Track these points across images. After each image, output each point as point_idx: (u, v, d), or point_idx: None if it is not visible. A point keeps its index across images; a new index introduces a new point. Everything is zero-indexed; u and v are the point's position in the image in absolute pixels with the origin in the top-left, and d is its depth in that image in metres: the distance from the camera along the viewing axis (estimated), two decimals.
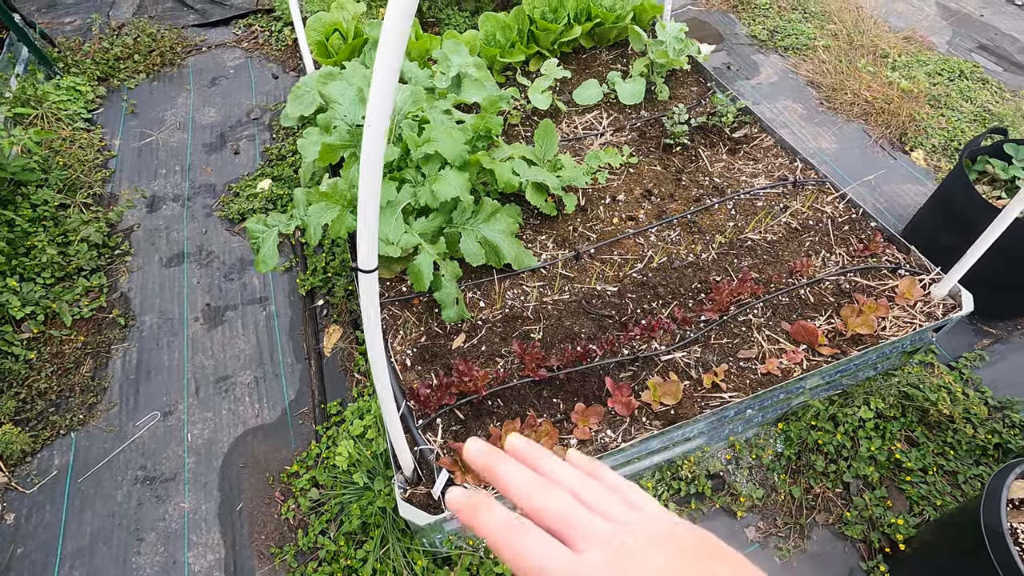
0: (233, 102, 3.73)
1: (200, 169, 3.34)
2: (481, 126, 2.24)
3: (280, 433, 2.33)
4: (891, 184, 3.14)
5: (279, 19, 4.23)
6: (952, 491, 2.06)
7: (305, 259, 2.86)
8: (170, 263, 2.90)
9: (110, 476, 2.22)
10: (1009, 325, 2.56)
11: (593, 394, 1.93)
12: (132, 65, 3.92)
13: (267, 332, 2.63)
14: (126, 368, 2.52)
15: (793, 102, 3.65)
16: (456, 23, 3.50)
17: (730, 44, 4.11)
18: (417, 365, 2.03)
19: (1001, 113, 3.42)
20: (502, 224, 2.19)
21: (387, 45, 0.80)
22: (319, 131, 2.27)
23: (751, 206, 2.49)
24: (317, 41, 2.88)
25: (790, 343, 2.04)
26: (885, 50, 3.91)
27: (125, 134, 3.54)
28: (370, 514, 1.96)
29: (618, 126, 2.88)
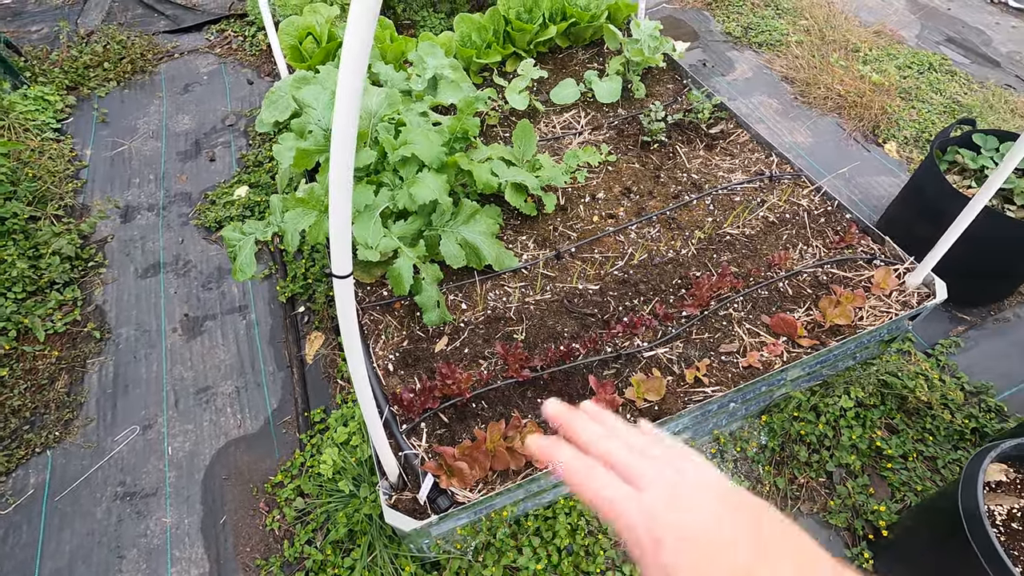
0: (207, 109, 3.68)
1: (175, 177, 3.28)
2: (458, 128, 2.23)
3: (263, 443, 2.30)
4: (865, 176, 3.19)
5: (252, 24, 4.18)
6: (932, 476, 2.10)
7: (285, 266, 2.82)
8: (146, 274, 2.84)
9: (89, 493, 2.18)
10: (983, 311, 2.61)
11: (577, 393, 1.93)
12: (102, 73, 3.85)
13: (247, 341, 2.60)
14: (103, 382, 2.47)
15: (768, 97, 3.69)
16: (431, 25, 3.49)
17: (705, 41, 4.15)
18: (400, 370, 2.01)
19: (969, 104, 3.50)
20: (482, 225, 2.19)
21: (351, 47, 0.79)
22: (294, 136, 2.25)
23: (729, 201, 2.52)
24: (291, 45, 2.85)
25: (770, 336, 2.06)
26: (856, 44, 3.97)
27: (96, 144, 3.47)
28: (357, 521, 1.94)
29: (596, 125, 2.89)
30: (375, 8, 0.76)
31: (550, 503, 1.97)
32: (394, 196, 2.08)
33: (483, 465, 1.70)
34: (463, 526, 1.77)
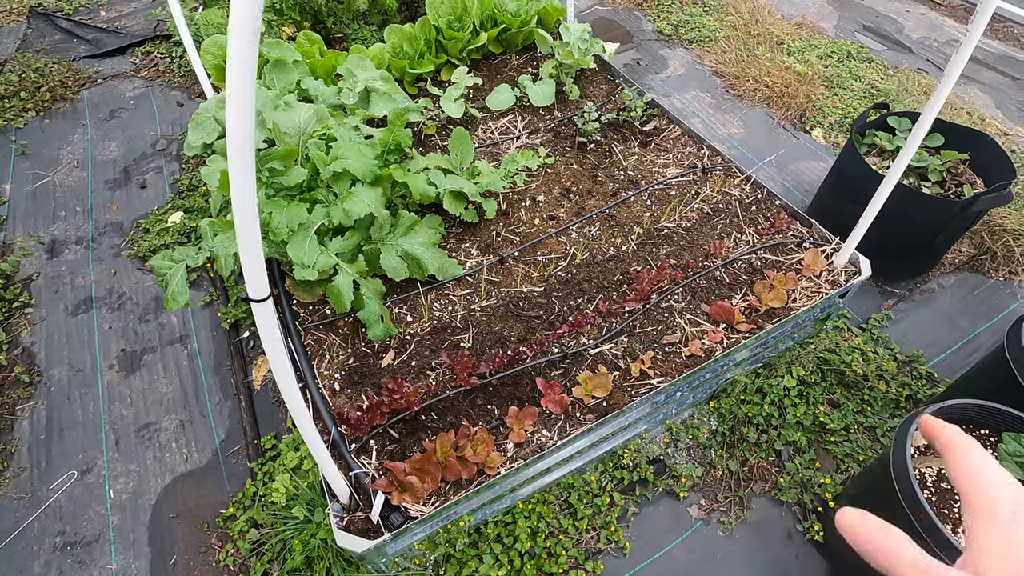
0: (136, 134, 3.55)
1: (104, 207, 3.15)
2: (390, 139, 2.21)
3: (212, 476, 2.22)
4: (796, 163, 3.32)
5: (179, 45, 4.06)
6: (872, 445, 2.19)
7: (226, 291, 2.74)
8: (77, 310, 2.71)
9: (24, 547, 2.06)
10: (910, 284, 2.75)
11: (526, 396, 1.94)
12: (19, 103, 3.66)
13: (190, 372, 2.51)
14: (35, 428, 2.34)
15: (701, 92, 3.80)
16: (363, 38, 3.46)
17: (638, 40, 4.25)
18: (347, 388, 1.98)
19: (887, 89, 3.68)
20: (422, 236, 2.17)
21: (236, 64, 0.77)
22: (222, 158, 2.19)
23: (665, 196, 2.58)
24: (215, 65, 2.78)
25: (710, 324, 2.11)
26: (780, 37, 4.13)
27: (16, 177, 3.30)
28: (313, 547, 1.89)
29: (533, 128, 2.91)
30: (256, 17, 0.75)
31: (509, 508, 1.97)
32: (329, 212, 2.04)
33: (434, 477, 1.69)
34: (420, 541, 1.75)
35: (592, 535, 2.02)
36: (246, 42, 0.75)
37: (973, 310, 2.63)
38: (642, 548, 2.01)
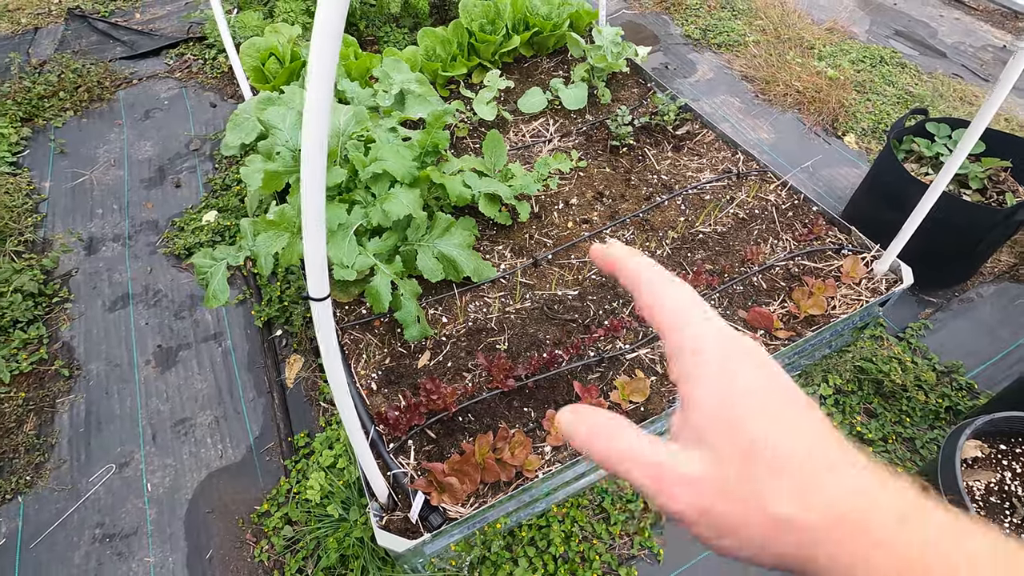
0: (170, 134, 3.61)
1: (140, 206, 3.21)
2: (428, 141, 2.23)
3: (247, 472, 2.25)
4: (828, 168, 3.28)
5: (212, 46, 4.13)
6: (912, 456, 2.15)
7: (259, 289, 2.77)
8: (114, 306, 2.76)
9: (65, 538, 2.09)
10: (948, 293, 2.70)
11: (563, 399, 1.94)
12: (58, 103, 3.75)
13: (225, 369, 2.54)
14: (74, 422, 2.38)
15: (730, 96, 3.78)
16: (395, 40, 3.49)
17: (666, 44, 4.23)
18: (383, 388, 1.99)
19: (921, 94, 3.63)
20: (458, 238, 2.18)
21: (318, 67, 0.78)
22: (262, 158, 2.22)
23: (699, 200, 2.56)
24: (253, 67, 2.82)
25: (748, 330, 2.09)
26: (811, 41, 4.10)
27: (55, 175, 3.38)
28: (348, 546, 1.90)
29: (565, 131, 2.91)
30: (339, 27, 0.76)
31: (543, 512, 1.96)
32: (367, 213, 2.06)
33: (473, 479, 1.69)
34: (457, 542, 1.75)
35: (626, 541, 2.01)
36: (329, 43, 0.76)
37: (1014, 320, 2.58)
38: (676, 555, 1.99)
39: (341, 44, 0.78)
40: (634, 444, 0.35)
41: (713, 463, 0.33)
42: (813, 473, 0.32)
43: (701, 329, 0.36)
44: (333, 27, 0.75)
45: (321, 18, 0.73)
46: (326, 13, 0.73)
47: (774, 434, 0.33)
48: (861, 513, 0.30)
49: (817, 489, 0.31)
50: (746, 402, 0.34)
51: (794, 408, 0.34)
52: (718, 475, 0.33)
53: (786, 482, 0.32)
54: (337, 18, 0.74)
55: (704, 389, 0.35)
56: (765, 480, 0.32)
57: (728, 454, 0.33)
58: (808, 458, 0.32)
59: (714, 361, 0.35)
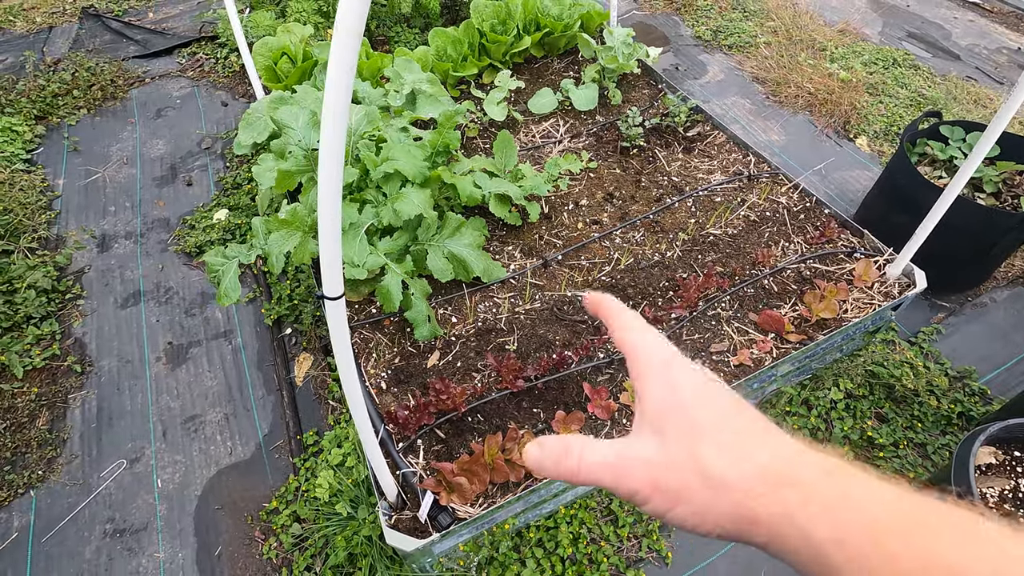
0: (182, 132, 3.63)
1: (152, 203, 3.23)
2: (439, 141, 2.23)
3: (256, 469, 2.26)
4: (840, 171, 3.26)
5: (224, 46, 4.15)
6: (923, 462, 2.13)
7: (269, 288, 2.79)
8: (126, 303, 2.78)
9: (76, 533, 2.11)
10: (960, 298, 2.68)
11: (572, 400, 1.93)
12: (71, 101, 3.78)
13: (234, 366, 2.55)
14: (86, 417, 2.41)
15: (741, 98, 3.76)
16: (406, 40, 3.50)
17: (676, 46, 4.22)
18: (393, 387, 2.00)
19: (934, 97, 3.60)
20: (468, 238, 2.18)
21: (337, 66, 0.79)
22: (274, 157, 2.23)
23: (710, 202, 2.55)
24: (265, 66, 2.83)
25: (759, 333, 2.08)
26: (823, 43, 4.07)
27: (69, 173, 3.41)
28: (356, 544, 1.91)
29: (575, 132, 2.91)
30: (360, 26, 0.76)
31: (551, 513, 1.96)
32: (378, 213, 2.07)
33: (482, 479, 1.69)
34: (465, 542, 1.75)
35: (633, 543, 2.00)
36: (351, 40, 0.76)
37: None
38: (684, 559, 1.98)
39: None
40: (593, 451, 0.41)
41: (662, 444, 0.39)
42: (745, 442, 0.38)
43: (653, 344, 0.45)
44: (353, 26, 0.75)
45: (342, 17, 0.74)
46: (347, 12, 0.73)
47: (711, 417, 0.39)
48: (790, 469, 0.36)
49: (748, 454, 0.37)
50: (688, 394, 0.40)
51: (727, 399, 0.41)
52: (667, 452, 0.39)
53: (723, 451, 0.37)
54: (358, 17, 0.74)
55: (654, 383, 0.42)
56: (705, 452, 0.37)
57: (674, 435, 0.39)
58: (740, 432, 0.38)
59: (660, 363, 0.43)
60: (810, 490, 0.34)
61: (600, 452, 0.41)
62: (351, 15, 0.73)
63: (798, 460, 0.36)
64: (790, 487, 0.35)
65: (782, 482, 0.35)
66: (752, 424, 0.39)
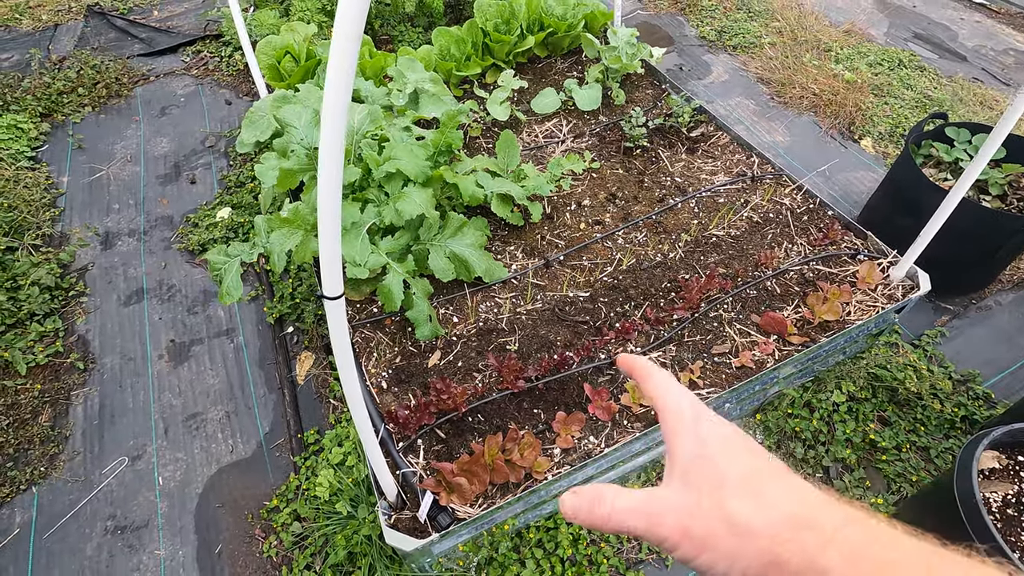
0: (186, 131, 3.64)
1: (155, 201, 3.24)
2: (442, 141, 2.23)
3: (256, 468, 2.26)
4: (844, 172, 3.24)
5: (229, 44, 4.16)
6: (926, 466, 2.12)
7: (271, 286, 2.79)
8: (129, 301, 2.79)
9: (77, 529, 2.12)
10: (965, 301, 2.66)
11: (573, 401, 1.93)
12: (76, 99, 3.79)
13: (236, 364, 2.56)
14: (88, 414, 2.41)
15: (745, 99, 3.74)
16: (410, 39, 3.50)
17: (681, 46, 4.21)
18: (393, 387, 2.00)
19: (940, 98, 3.58)
20: (470, 238, 2.18)
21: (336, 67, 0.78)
22: (276, 156, 2.23)
23: (713, 203, 2.54)
24: (269, 64, 2.84)
25: (761, 335, 2.07)
26: (828, 44, 4.05)
27: (73, 170, 3.42)
28: (356, 543, 1.91)
29: (578, 132, 2.90)
30: (359, 29, 0.76)
31: (551, 514, 1.96)
32: (380, 212, 2.07)
33: (482, 479, 1.69)
34: (465, 542, 1.75)
35: (633, 545, 2.00)
36: (349, 44, 0.76)
37: None
38: None
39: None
40: (625, 498, 0.44)
41: (691, 493, 0.42)
42: (770, 491, 0.40)
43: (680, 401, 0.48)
44: (352, 29, 0.75)
45: (341, 20, 0.74)
46: (345, 14, 0.73)
47: (736, 468, 0.42)
48: (813, 515, 0.38)
49: (774, 502, 0.39)
50: (715, 447, 0.44)
51: (751, 451, 0.43)
52: (695, 501, 0.41)
53: (749, 500, 0.39)
54: (357, 19, 0.74)
55: (684, 438, 0.45)
56: (731, 501, 0.40)
57: (702, 485, 0.42)
58: (765, 482, 0.41)
59: (691, 419, 0.46)
60: (832, 535, 0.36)
61: (632, 499, 0.44)
62: (350, 17, 0.73)
63: (822, 508, 0.38)
64: (811, 531, 0.37)
65: (805, 527, 0.37)
66: (776, 474, 0.41)
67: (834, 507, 0.38)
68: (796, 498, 0.39)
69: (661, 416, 0.48)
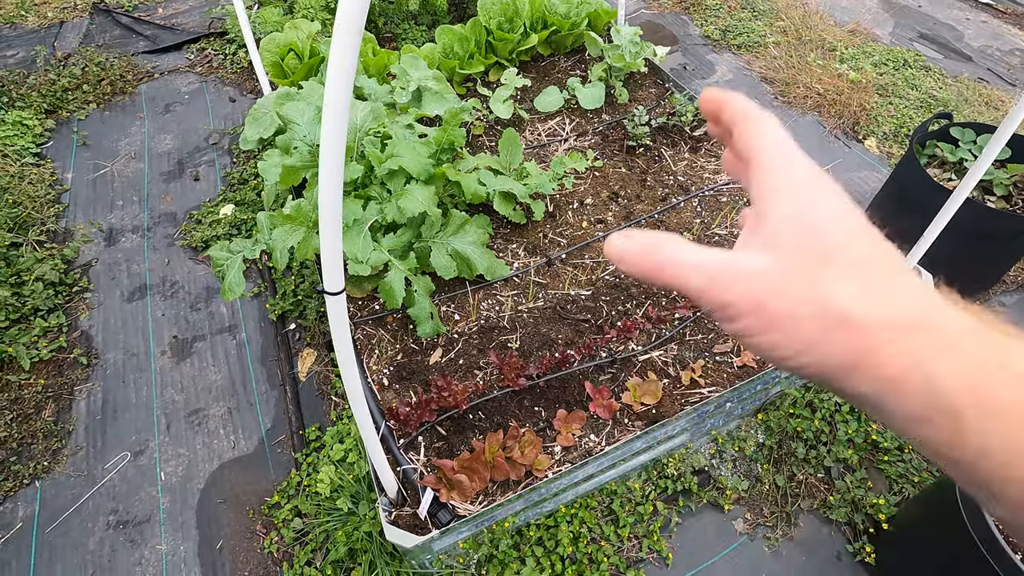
0: (190, 128, 3.65)
1: (159, 198, 3.25)
2: (444, 139, 2.23)
3: (258, 464, 2.27)
4: (848, 172, 3.23)
5: (233, 41, 4.17)
6: (928, 467, 2.11)
7: (274, 283, 2.80)
8: (132, 297, 2.80)
9: (80, 524, 2.13)
10: (968, 301, 2.64)
11: (574, 399, 1.93)
12: (81, 95, 3.81)
13: (238, 361, 2.56)
14: (91, 409, 2.42)
15: (749, 98, 3.73)
16: (413, 37, 3.50)
17: (685, 45, 4.20)
18: (395, 383, 2.00)
19: (945, 98, 3.56)
20: (472, 235, 2.18)
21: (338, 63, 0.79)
22: (279, 153, 2.24)
23: (716, 202, 2.54)
24: (272, 62, 2.84)
25: None
26: (832, 43, 4.04)
27: (78, 167, 3.43)
28: (356, 540, 1.91)
29: (581, 131, 2.90)
30: (359, 24, 0.76)
31: (552, 512, 1.96)
32: (382, 209, 2.07)
33: (483, 476, 1.69)
34: (465, 539, 1.75)
35: (634, 543, 2.00)
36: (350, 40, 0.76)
37: None
38: (685, 560, 1.98)
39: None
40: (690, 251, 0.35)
41: (782, 261, 0.33)
42: (881, 278, 0.32)
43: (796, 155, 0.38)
44: (353, 24, 0.75)
45: (341, 16, 0.74)
46: (346, 10, 0.73)
47: (851, 247, 0.33)
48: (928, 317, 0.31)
49: (884, 292, 0.32)
50: (828, 215, 0.34)
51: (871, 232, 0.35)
52: (784, 271, 0.33)
53: (856, 284, 0.32)
54: (358, 15, 0.74)
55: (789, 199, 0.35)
56: (835, 280, 0.32)
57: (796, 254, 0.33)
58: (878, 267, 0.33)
59: (802, 180, 0.36)
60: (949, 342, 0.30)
61: (697, 254, 0.35)
62: (351, 13, 0.73)
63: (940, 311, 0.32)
64: (925, 334, 0.30)
65: (917, 328, 0.31)
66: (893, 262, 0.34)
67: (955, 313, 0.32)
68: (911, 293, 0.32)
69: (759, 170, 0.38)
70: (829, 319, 0.31)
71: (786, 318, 0.32)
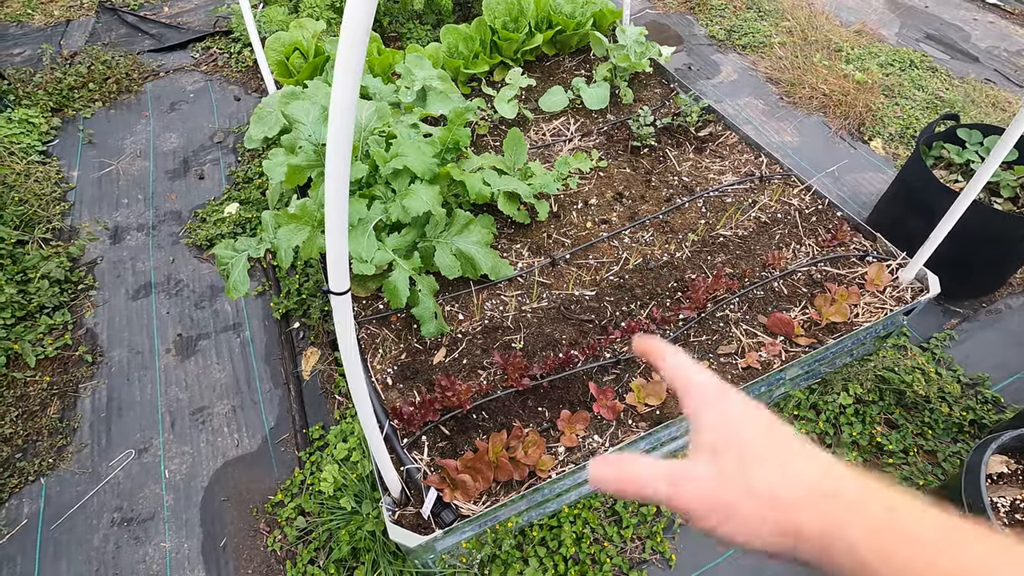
0: (195, 126, 3.66)
1: (164, 196, 3.26)
2: (449, 138, 2.23)
3: (262, 462, 2.27)
4: (853, 173, 3.22)
5: (238, 40, 4.18)
6: (933, 470, 2.11)
7: (278, 282, 2.80)
8: (137, 295, 2.81)
9: (84, 520, 2.14)
10: (975, 304, 2.64)
11: (578, 400, 1.93)
12: (87, 94, 3.82)
13: (243, 359, 2.57)
14: (96, 406, 2.43)
15: (754, 99, 3.72)
16: (418, 37, 3.50)
17: (690, 45, 4.19)
18: (399, 383, 2.00)
19: (951, 99, 3.54)
20: (476, 235, 2.18)
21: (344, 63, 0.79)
22: (284, 152, 2.24)
23: (720, 203, 2.53)
24: (277, 61, 2.84)
25: (768, 336, 2.06)
26: (838, 44, 4.02)
27: (83, 165, 3.44)
28: (360, 539, 1.91)
29: (585, 131, 2.90)
30: (367, 26, 0.76)
31: (555, 512, 1.96)
32: (387, 209, 2.07)
33: (486, 476, 1.69)
34: (468, 539, 1.75)
35: (637, 544, 1.99)
36: (357, 40, 0.76)
37: None
38: (688, 561, 1.97)
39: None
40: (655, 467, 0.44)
41: (716, 465, 0.42)
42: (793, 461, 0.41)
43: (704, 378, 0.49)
44: (360, 26, 0.75)
45: (349, 18, 0.74)
46: (354, 13, 0.73)
47: (761, 440, 0.43)
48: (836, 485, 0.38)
49: (797, 472, 0.40)
50: (740, 420, 0.44)
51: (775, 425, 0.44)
52: (720, 472, 0.42)
53: (771, 470, 0.40)
54: (365, 17, 0.74)
55: (708, 412, 0.46)
56: (755, 470, 0.40)
57: (728, 457, 0.42)
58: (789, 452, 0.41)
59: (715, 394, 0.47)
60: (855, 505, 0.37)
61: (658, 468, 0.44)
62: (358, 14, 0.73)
63: (845, 479, 0.39)
64: (835, 501, 0.37)
65: (828, 496, 0.38)
66: (800, 447, 0.42)
67: (858, 479, 0.38)
68: (820, 469, 0.40)
69: (683, 394, 0.48)
70: (761, 501, 0.39)
71: (731, 507, 0.40)
